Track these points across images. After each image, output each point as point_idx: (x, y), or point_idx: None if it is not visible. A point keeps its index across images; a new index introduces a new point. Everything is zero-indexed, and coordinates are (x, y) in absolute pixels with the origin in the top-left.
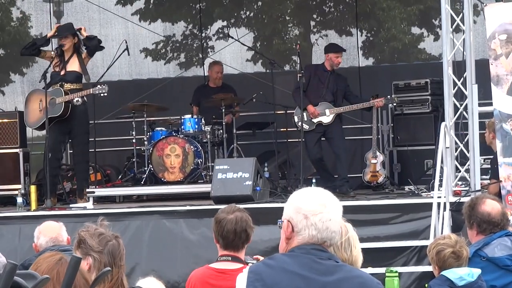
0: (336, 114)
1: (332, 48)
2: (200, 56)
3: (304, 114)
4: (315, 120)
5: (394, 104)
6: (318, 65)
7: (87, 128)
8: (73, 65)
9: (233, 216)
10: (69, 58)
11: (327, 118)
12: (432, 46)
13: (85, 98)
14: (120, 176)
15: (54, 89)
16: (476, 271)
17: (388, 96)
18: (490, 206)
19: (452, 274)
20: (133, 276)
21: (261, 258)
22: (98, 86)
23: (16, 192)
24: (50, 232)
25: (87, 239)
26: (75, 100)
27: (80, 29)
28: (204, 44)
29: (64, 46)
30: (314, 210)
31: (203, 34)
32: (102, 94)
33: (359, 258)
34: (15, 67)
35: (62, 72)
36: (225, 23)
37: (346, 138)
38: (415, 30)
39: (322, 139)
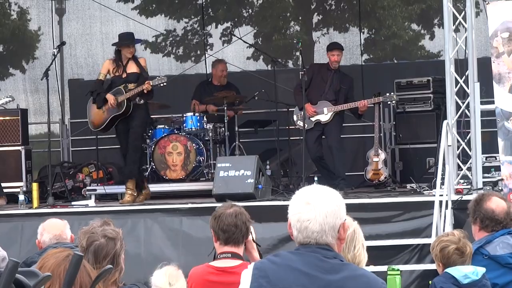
0: (335, 112)
1: (328, 47)
2: (199, 52)
3: (304, 112)
4: (313, 119)
5: (393, 101)
6: (323, 64)
7: (144, 125)
8: (132, 68)
9: (232, 210)
10: (127, 62)
11: (325, 116)
12: (434, 44)
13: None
14: None
15: (115, 89)
16: (481, 270)
17: (387, 94)
18: (495, 203)
19: (457, 271)
20: (133, 274)
21: None
22: (157, 77)
23: (18, 189)
24: (54, 229)
25: (80, 235)
26: (137, 99)
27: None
28: (205, 41)
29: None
30: (293, 210)
31: (205, 31)
32: (161, 85)
33: (364, 258)
34: (15, 63)
35: (124, 75)
36: (228, 23)
37: (347, 136)
38: (416, 28)
39: (323, 137)
